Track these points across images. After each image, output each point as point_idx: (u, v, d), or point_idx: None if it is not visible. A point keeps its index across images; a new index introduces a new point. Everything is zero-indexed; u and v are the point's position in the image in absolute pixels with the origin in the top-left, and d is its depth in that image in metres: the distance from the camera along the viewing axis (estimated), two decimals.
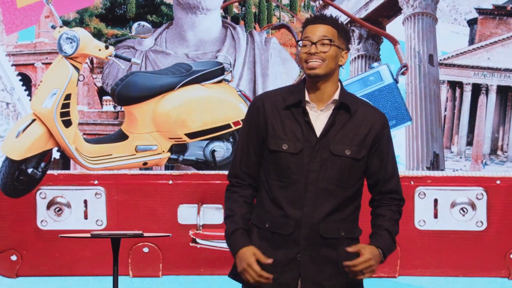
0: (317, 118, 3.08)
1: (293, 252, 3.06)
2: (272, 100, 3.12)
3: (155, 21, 6.85)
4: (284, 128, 3.07)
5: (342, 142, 3.06)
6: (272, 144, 3.07)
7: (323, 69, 3.05)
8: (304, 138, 3.05)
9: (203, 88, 6.07)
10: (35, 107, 5.71)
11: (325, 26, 3.08)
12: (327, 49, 3.05)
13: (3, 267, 6.41)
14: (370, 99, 5.73)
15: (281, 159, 3.06)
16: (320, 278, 3.07)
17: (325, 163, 3.04)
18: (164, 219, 6.25)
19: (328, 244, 3.07)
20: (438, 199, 6.29)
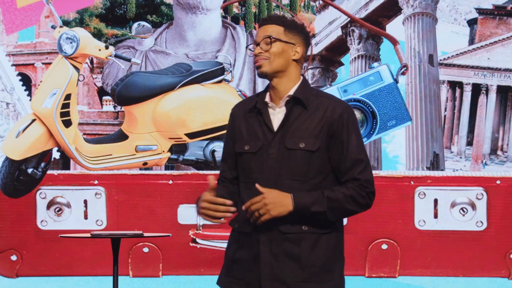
0: (275, 116, 3.13)
1: (255, 250, 3.08)
2: (241, 105, 3.23)
3: (155, 21, 6.85)
4: (248, 130, 3.15)
5: (297, 135, 3.08)
6: (237, 147, 3.16)
7: (268, 66, 3.12)
8: (263, 137, 3.11)
9: (203, 88, 6.08)
10: (35, 107, 5.71)
11: (269, 26, 3.15)
12: (268, 47, 3.11)
13: (3, 267, 6.41)
14: (370, 99, 5.73)
15: (244, 160, 3.13)
16: (281, 275, 3.07)
17: (282, 158, 3.08)
18: (164, 219, 6.25)
19: (290, 240, 3.07)
20: (438, 199, 6.29)
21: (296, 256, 3.07)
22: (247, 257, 3.09)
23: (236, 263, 3.12)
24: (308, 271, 3.08)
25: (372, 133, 5.78)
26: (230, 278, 3.15)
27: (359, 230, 6.26)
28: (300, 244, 3.07)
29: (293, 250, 3.07)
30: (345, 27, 6.87)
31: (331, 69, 6.96)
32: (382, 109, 5.81)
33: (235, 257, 3.13)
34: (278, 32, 3.13)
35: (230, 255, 3.17)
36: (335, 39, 6.93)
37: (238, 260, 3.12)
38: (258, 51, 3.12)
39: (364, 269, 6.29)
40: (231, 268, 3.14)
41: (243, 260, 3.10)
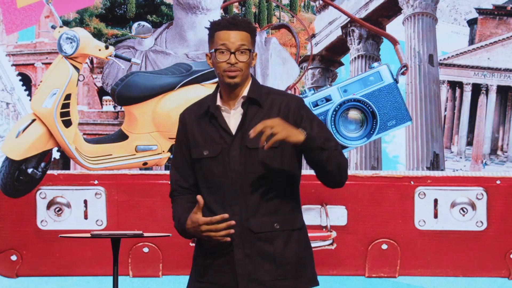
0: (231, 118, 3.11)
1: (228, 252, 3.07)
2: (191, 111, 3.18)
3: (155, 21, 6.85)
4: (203, 135, 3.11)
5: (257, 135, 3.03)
6: (194, 153, 3.12)
7: (240, 77, 3.08)
8: (222, 140, 3.08)
9: (203, 88, 6.07)
10: (35, 107, 5.71)
11: (240, 32, 3.09)
12: (245, 59, 3.08)
13: (3, 267, 6.41)
14: (370, 99, 5.72)
15: (204, 165, 3.10)
16: (257, 275, 3.07)
17: (245, 159, 3.06)
18: (164, 219, 6.24)
19: (262, 239, 3.07)
20: (438, 199, 6.30)
21: (270, 254, 3.08)
22: (220, 260, 3.09)
23: (209, 268, 3.12)
24: (283, 269, 3.09)
25: (372, 133, 5.78)
26: (202, 283, 3.14)
27: (359, 230, 6.26)
28: (273, 242, 3.08)
29: (267, 249, 3.07)
30: (345, 27, 6.87)
31: (331, 69, 6.96)
32: (382, 109, 5.80)
33: (207, 262, 3.12)
34: (248, 41, 3.10)
35: (200, 261, 3.15)
36: (335, 39, 6.94)
37: (210, 264, 3.11)
38: (234, 60, 3.06)
39: (364, 269, 6.29)
40: (202, 273, 3.13)
41: (216, 264, 3.10)
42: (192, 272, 3.21)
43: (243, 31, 3.09)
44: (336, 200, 6.23)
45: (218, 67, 3.08)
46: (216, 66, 3.09)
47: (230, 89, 3.11)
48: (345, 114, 5.73)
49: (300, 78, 6.83)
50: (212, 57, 3.12)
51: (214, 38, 3.12)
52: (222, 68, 3.07)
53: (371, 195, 6.28)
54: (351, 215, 6.25)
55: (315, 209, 6.21)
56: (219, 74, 3.09)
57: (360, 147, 6.62)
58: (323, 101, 5.66)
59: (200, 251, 3.17)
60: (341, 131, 5.67)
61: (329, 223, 6.21)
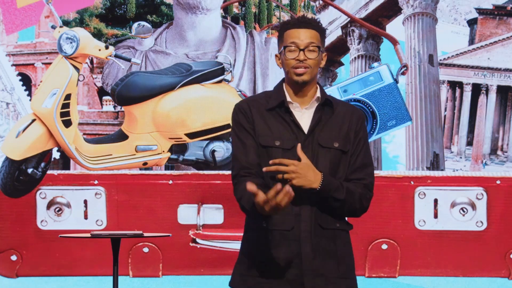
0: (302, 117, 3.13)
1: (295, 247, 3.07)
2: (256, 104, 3.17)
3: (155, 21, 6.85)
4: (271, 128, 3.12)
5: (329, 135, 3.11)
6: (264, 140, 3.11)
7: (309, 75, 3.11)
8: (294, 136, 3.10)
9: (203, 88, 6.08)
10: (35, 107, 5.71)
11: (310, 30, 3.11)
12: (315, 56, 3.10)
13: (3, 267, 6.41)
14: (370, 99, 5.73)
15: (274, 154, 3.09)
16: (323, 271, 3.09)
17: (316, 156, 3.09)
18: (164, 219, 6.25)
19: (327, 236, 3.10)
20: (438, 199, 6.30)
21: (333, 252, 3.11)
22: (287, 254, 3.07)
23: (273, 262, 3.08)
24: (344, 267, 3.13)
25: (372, 133, 5.78)
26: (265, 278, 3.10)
27: (359, 230, 6.26)
28: (336, 240, 3.13)
29: (331, 247, 3.11)
30: (345, 27, 6.87)
31: (331, 69, 6.96)
32: (382, 109, 5.81)
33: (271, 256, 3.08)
34: (318, 39, 3.12)
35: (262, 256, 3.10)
36: (335, 39, 6.93)
37: (275, 258, 3.08)
38: (303, 57, 3.09)
39: (364, 269, 6.29)
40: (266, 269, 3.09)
41: (283, 258, 3.08)
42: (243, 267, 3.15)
43: (312, 29, 3.11)
44: None
45: (287, 64, 3.10)
46: (285, 63, 3.12)
47: (297, 87, 3.13)
48: None
49: None
50: (281, 56, 3.14)
51: (283, 37, 3.13)
52: (291, 65, 3.10)
53: None
54: None
55: None
56: (288, 72, 3.12)
57: None
58: None
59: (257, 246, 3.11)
60: None
61: None
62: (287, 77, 3.15)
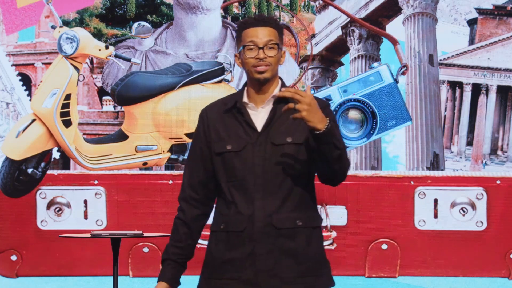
0: (257, 116, 3.14)
1: (250, 248, 3.07)
2: (214, 108, 3.21)
3: (155, 21, 6.85)
4: (227, 130, 3.14)
5: (283, 132, 3.10)
6: (217, 147, 3.14)
7: (270, 72, 3.11)
8: (247, 136, 3.11)
9: (203, 88, 6.07)
10: (35, 107, 5.71)
11: (268, 28, 3.12)
12: (274, 54, 3.10)
13: (3, 267, 6.41)
14: (370, 99, 5.73)
15: (227, 159, 3.12)
16: (278, 270, 3.07)
17: (269, 155, 3.08)
18: (164, 219, 6.24)
19: (285, 235, 3.08)
20: (438, 199, 6.30)
21: (292, 251, 3.09)
22: (241, 255, 3.09)
23: (229, 263, 3.11)
24: (304, 266, 3.10)
25: (372, 133, 5.78)
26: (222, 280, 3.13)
27: (359, 230, 6.26)
28: (295, 239, 3.09)
29: (289, 245, 3.08)
30: (345, 27, 6.87)
31: (331, 69, 6.96)
32: (382, 109, 5.81)
33: (226, 258, 3.12)
34: (276, 36, 3.13)
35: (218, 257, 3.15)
36: (335, 39, 6.93)
37: (230, 259, 3.11)
38: (263, 55, 3.09)
39: (364, 269, 6.29)
40: (222, 270, 3.13)
41: (237, 259, 3.09)
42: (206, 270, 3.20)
43: (270, 27, 3.12)
44: (336, 200, 6.23)
45: (247, 63, 3.11)
46: (245, 63, 3.12)
47: (259, 86, 3.14)
48: (345, 114, 5.74)
49: (300, 78, 6.83)
50: (240, 56, 3.14)
51: (241, 37, 3.14)
52: (251, 64, 3.10)
53: (371, 195, 6.28)
54: (351, 215, 6.25)
55: None
56: (248, 71, 3.13)
57: (360, 147, 6.62)
58: None
59: (217, 249, 3.16)
60: (341, 131, 5.67)
61: (329, 223, 6.21)
62: (248, 76, 3.16)
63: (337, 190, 6.08)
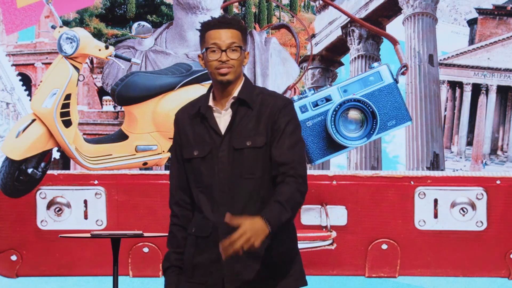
0: (221, 119, 3.13)
1: (215, 252, 3.06)
2: (185, 111, 3.20)
3: (155, 21, 6.86)
4: (194, 135, 3.14)
5: (244, 134, 3.09)
6: (185, 153, 3.15)
7: (233, 74, 3.09)
8: (211, 141, 3.11)
9: (203, 88, 6.07)
10: (35, 107, 5.71)
11: (231, 30, 3.10)
12: (237, 56, 3.09)
13: (3, 267, 6.41)
14: (370, 99, 5.72)
15: (194, 165, 3.13)
16: (244, 274, 3.09)
17: (232, 159, 3.09)
18: (164, 219, 6.22)
19: None
20: (438, 199, 6.30)
21: (257, 254, 3.08)
22: (207, 260, 3.12)
23: (197, 267, 3.14)
24: (270, 268, 3.11)
25: (372, 133, 5.78)
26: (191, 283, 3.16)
27: (359, 230, 6.26)
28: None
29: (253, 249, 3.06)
30: (345, 27, 6.87)
31: (331, 69, 6.97)
32: (382, 109, 5.80)
33: (195, 262, 3.14)
34: (239, 38, 3.11)
35: (189, 260, 3.17)
36: (335, 39, 6.94)
37: (198, 264, 3.14)
38: (226, 58, 3.08)
39: (364, 269, 6.29)
40: (191, 273, 3.15)
41: (204, 264, 3.12)
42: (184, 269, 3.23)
43: (233, 29, 3.10)
44: (336, 200, 6.23)
45: (210, 65, 3.10)
46: (208, 65, 3.11)
47: (222, 88, 3.12)
48: (345, 114, 5.73)
49: (300, 78, 6.83)
50: (204, 57, 3.13)
51: (205, 38, 3.12)
52: (214, 66, 3.09)
53: (371, 195, 6.28)
54: (351, 215, 6.25)
55: (315, 209, 6.21)
56: (211, 72, 3.11)
57: (360, 147, 6.62)
58: (323, 101, 5.66)
59: (188, 252, 3.19)
60: (341, 131, 5.67)
61: (329, 223, 6.21)
62: (212, 78, 3.14)
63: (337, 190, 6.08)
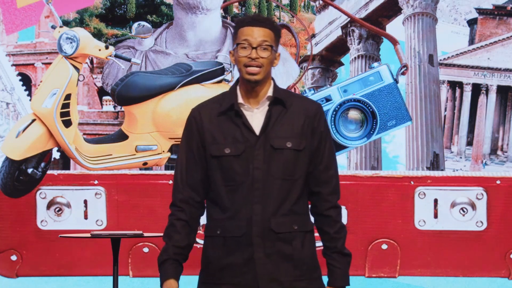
0: (253, 117, 3.12)
1: (248, 252, 3.07)
2: (207, 109, 3.18)
3: (155, 21, 6.86)
4: (223, 133, 3.11)
5: (282, 135, 3.09)
6: (214, 150, 3.11)
7: (262, 74, 3.09)
8: (244, 139, 3.08)
9: (203, 88, 6.07)
10: (35, 107, 5.71)
11: (263, 29, 3.09)
12: (267, 55, 3.08)
13: (3, 267, 6.41)
14: (370, 99, 5.73)
15: (225, 163, 3.09)
16: (277, 275, 3.09)
17: (268, 159, 3.07)
18: (164, 219, 6.21)
19: (282, 239, 3.09)
20: (438, 199, 6.29)
21: (289, 255, 3.09)
22: (240, 260, 3.09)
23: (227, 269, 3.11)
24: (300, 269, 3.12)
25: (372, 133, 5.78)
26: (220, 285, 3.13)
27: (359, 230, 6.26)
28: (292, 243, 3.10)
29: (286, 250, 3.09)
30: (345, 27, 6.87)
31: (331, 69, 6.96)
32: (382, 109, 5.80)
33: (225, 263, 3.11)
34: (271, 38, 3.10)
35: (216, 262, 3.14)
36: (335, 39, 6.94)
37: (229, 265, 3.11)
38: (255, 56, 3.08)
39: (364, 269, 6.29)
40: (220, 275, 3.13)
41: (236, 264, 3.09)
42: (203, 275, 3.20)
43: (266, 28, 3.10)
44: None
45: (239, 61, 3.09)
46: (237, 61, 3.10)
47: (250, 86, 3.11)
48: (345, 114, 5.74)
49: (300, 78, 6.83)
50: (234, 53, 3.12)
51: (237, 34, 3.12)
52: (243, 63, 3.08)
53: (371, 195, 6.28)
54: (351, 215, 6.25)
55: None
56: (240, 69, 3.10)
57: (360, 147, 6.62)
58: (323, 101, 5.66)
59: (214, 254, 3.15)
60: (341, 131, 5.67)
61: None
62: (240, 75, 3.14)
63: None
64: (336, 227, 3.17)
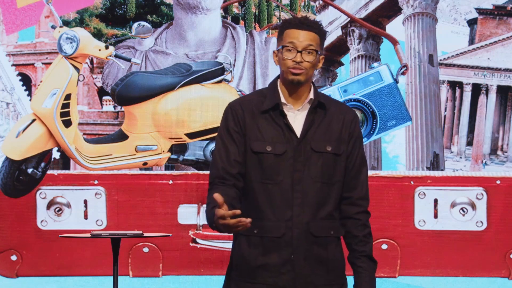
0: (295, 119, 3.12)
1: (287, 254, 3.07)
2: (249, 105, 3.16)
3: (155, 21, 6.86)
4: (265, 131, 3.10)
5: (322, 139, 3.10)
6: (255, 146, 3.10)
7: (305, 76, 3.09)
8: (286, 140, 3.09)
9: (203, 88, 6.07)
10: (35, 107, 5.71)
11: (310, 33, 3.09)
12: (311, 59, 3.08)
13: (3, 267, 6.41)
14: (370, 99, 5.73)
15: (265, 160, 3.08)
16: (313, 278, 3.10)
17: (309, 161, 3.08)
18: (164, 219, 6.25)
19: (319, 243, 3.10)
20: (438, 199, 6.30)
21: (324, 259, 3.12)
22: (277, 261, 3.08)
23: (263, 268, 3.09)
24: (333, 274, 3.15)
25: (372, 133, 5.78)
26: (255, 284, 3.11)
27: None
28: (327, 247, 3.13)
29: (322, 254, 3.11)
30: (345, 27, 6.87)
31: (331, 69, 6.96)
32: (382, 109, 5.81)
33: (260, 262, 3.09)
34: (317, 42, 3.10)
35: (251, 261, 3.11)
36: (335, 39, 6.94)
37: (265, 265, 3.09)
38: (300, 59, 3.07)
39: None
40: (255, 274, 3.10)
41: (273, 265, 3.08)
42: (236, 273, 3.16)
43: (312, 32, 3.10)
44: None
45: (284, 64, 3.09)
46: (281, 63, 3.10)
47: (292, 88, 3.12)
48: None
49: None
50: (278, 54, 3.12)
51: (283, 35, 3.11)
52: (287, 66, 3.08)
53: (371, 195, 6.26)
54: None
55: None
56: (284, 71, 3.10)
57: None
58: None
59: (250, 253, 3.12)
60: None
61: None
62: (282, 76, 3.14)
63: None
64: (365, 231, 3.24)
